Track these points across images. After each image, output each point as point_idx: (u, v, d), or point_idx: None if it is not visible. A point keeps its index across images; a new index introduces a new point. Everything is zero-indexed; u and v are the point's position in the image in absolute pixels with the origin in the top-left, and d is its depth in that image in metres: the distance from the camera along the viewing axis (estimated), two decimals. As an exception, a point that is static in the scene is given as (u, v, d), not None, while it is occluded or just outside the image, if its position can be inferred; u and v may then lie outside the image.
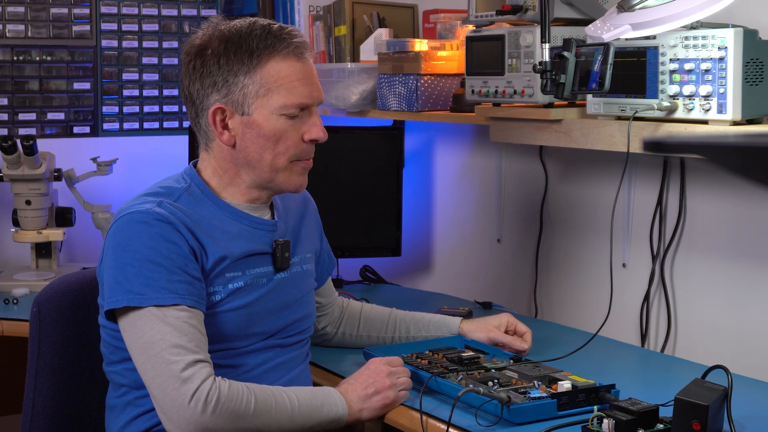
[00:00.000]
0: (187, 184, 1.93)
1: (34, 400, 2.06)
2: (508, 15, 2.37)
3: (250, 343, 1.91)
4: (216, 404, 1.71)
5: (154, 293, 1.77)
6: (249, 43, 1.87)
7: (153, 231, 1.80)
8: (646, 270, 2.51)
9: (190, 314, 1.79)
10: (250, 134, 1.89)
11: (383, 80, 2.91)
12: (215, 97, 1.89)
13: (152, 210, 1.82)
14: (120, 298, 1.78)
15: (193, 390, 1.71)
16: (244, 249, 1.91)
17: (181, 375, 1.71)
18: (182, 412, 1.70)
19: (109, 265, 1.82)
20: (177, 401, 1.71)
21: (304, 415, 1.82)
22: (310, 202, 2.17)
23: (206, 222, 1.89)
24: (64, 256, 3.36)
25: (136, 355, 1.78)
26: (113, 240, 1.83)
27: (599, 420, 1.75)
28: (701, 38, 2.01)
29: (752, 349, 2.28)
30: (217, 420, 1.71)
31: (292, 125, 1.90)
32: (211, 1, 3.55)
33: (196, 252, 1.84)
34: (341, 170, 3.14)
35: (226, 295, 1.88)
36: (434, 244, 3.31)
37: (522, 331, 2.24)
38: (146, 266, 1.78)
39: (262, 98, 1.87)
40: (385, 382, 1.91)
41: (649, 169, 2.50)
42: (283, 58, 1.88)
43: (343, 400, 1.88)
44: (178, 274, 1.80)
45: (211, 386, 1.72)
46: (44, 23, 3.31)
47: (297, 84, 1.89)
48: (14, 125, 3.29)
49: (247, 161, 1.91)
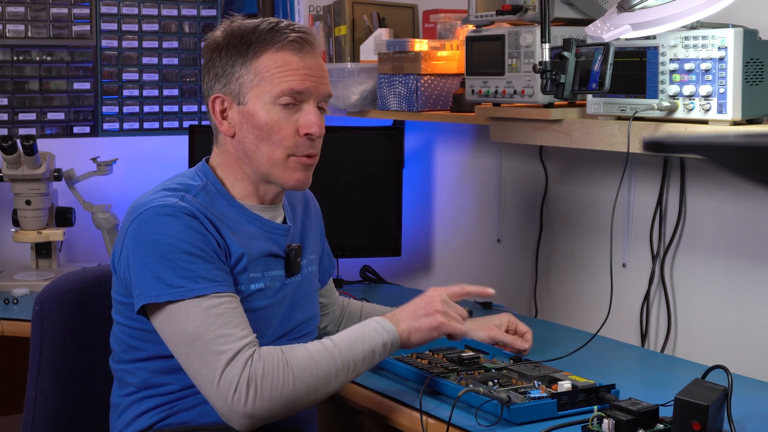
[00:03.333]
0: (203, 182, 1.92)
1: (35, 399, 2.05)
2: (508, 15, 2.37)
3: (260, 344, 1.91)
4: (255, 390, 1.71)
5: (193, 284, 1.76)
6: (250, 37, 1.89)
7: (182, 223, 1.79)
8: (646, 270, 2.51)
9: (231, 298, 1.78)
10: (246, 125, 1.90)
11: (383, 80, 2.91)
12: (216, 87, 1.92)
13: (177, 204, 1.81)
14: (160, 293, 1.76)
15: (234, 385, 1.70)
16: (262, 249, 1.91)
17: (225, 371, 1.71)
18: (229, 407, 1.71)
19: (140, 261, 1.79)
20: (222, 397, 1.71)
21: (348, 350, 1.80)
22: (313, 203, 2.17)
23: (226, 218, 1.89)
24: (64, 256, 3.36)
25: (179, 349, 1.77)
26: (140, 234, 1.80)
27: (599, 420, 1.75)
28: (701, 38, 2.01)
29: (752, 349, 2.28)
30: (261, 404, 1.71)
31: (286, 117, 1.89)
32: (211, 1, 3.55)
33: (221, 246, 1.84)
34: (341, 170, 3.14)
35: (248, 294, 1.87)
36: (434, 244, 3.31)
37: (523, 330, 2.24)
38: (182, 258, 1.77)
39: (256, 88, 1.88)
40: (435, 306, 1.90)
41: (649, 169, 2.50)
42: (278, 50, 1.89)
43: (389, 324, 1.86)
44: (214, 263, 1.80)
45: (249, 373, 1.71)
46: (44, 23, 3.31)
47: (289, 73, 1.88)
48: (14, 125, 3.29)
49: (245, 153, 1.91)
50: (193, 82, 3.52)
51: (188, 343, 1.75)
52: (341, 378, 1.80)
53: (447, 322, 1.90)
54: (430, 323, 1.89)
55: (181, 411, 1.85)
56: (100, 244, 3.34)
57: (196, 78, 3.52)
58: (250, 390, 1.70)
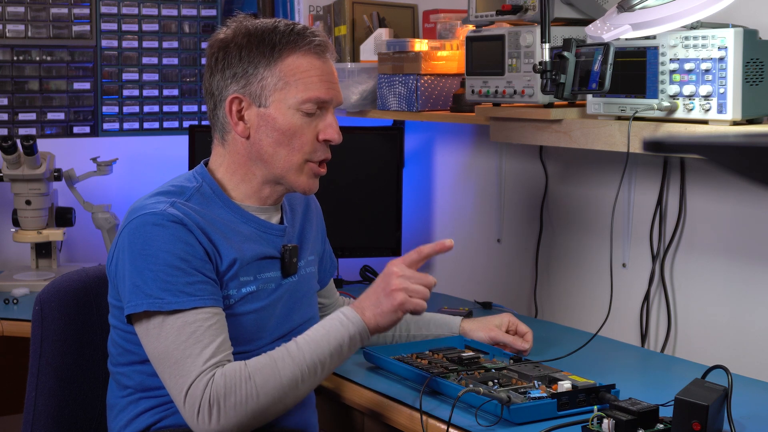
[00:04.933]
0: (198, 183, 1.92)
1: (35, 399, 2.05)
2: (508, 15, 2.37)
3: (257, 347, 1.90)
4: (218, 408, 1.72)
5: (172, 297, 1.77)
6: (272, 37, 1.89)
7: (168, 233, 1.79)
8: (646, 270, 2.51)
9: (208, 315, 1.79)
10: (265, 127, 1.90)
11: (383, 80, 2.91)
12: (234, 87, 1.90)
13: (166, 211, 1.81)
14: (139, 303, 1.78)
15: (197, 405, 1.72)
16: (256, 252, 1.91)
17: (189, 392, 1.73)
18: (196, 427, 1.74)
19: (126, 269, 1.81)
20: (189, 418, 1.74)
21: (313, 351, 1.78)
22: (314, 204, 2.17)
23: (219, 222, 1.88)
24: (64, 256, 3.36)
25: (153, 362, 1.80)
26: (129, 242, 1.82)
27: (599, 420, 1.75)
28: (701, 38, 2.01)
29: (752, 349, 2.28)
30: (226, 420, 1.73)
31: (307, 123, 1.90)
32: (211, 1, 3.55)
33: (210, 254, 1.83)
34: (341, 170, 3.13)
35: (239, 298, 1.88)
36: (434, 244, 3.31)
37: (523, 331, 2.24)
38: (164, 270, 1.78)
39: (280, 91, 1.88)
40: (393, 284, 1.83)
41: (649, 169, 2.50)
42: (303, 54, 1.89)
43: (355, 315, 1.82)
44: (196, 276, 1.80)
45: (210, 393, 1.72)
46: (44, 23, 3.31)
47: (315, 80, 1.90)
48: (14, 125, 3.29)
49: (259, 155, 1.91)
50: (193, 82, 3.52)
51: (160, 360, 1.78)
52: (309, 381, 1.79)
53: (408, 299, 1.83)
54: (391, 304, 1.82)
55: (176, 413, 1.86)
56: (100, 244, 3.34)
57: (196, 78, 3.52)
58: (213, 410, 1.72)
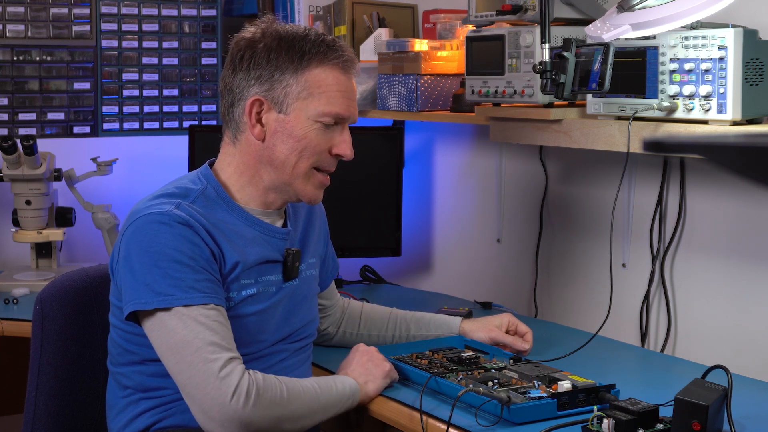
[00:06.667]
0: (203, 185, 1.92)
1: (35, 399, 2.06)
2: (508, 15, 2.37)
3: (258, 350, 1.91)
4: (256, 396, 1.74)
5: (182, 293, 1.77)
6: (302, 45, 1.89)
7: (175, 232, 1.80)
8: (646, 270, 2.51)
9: (218, 312, 1.80)
10: (281, 133, 1.90)
11: (383, 80, 2.91)
12: (256, 89, 1.90)
13: (172, 212, 1.82)
14: (149, 300, 1.78)
15: (233, 386, 1.72)
16: (258, 255, 1.91)
17: (220, 374, 1.73)
18: (225, 409, 1.72)
19: (131, 267, 1.81)
20: (218, 399, 1.72)
21: (326, 393, 1.87)
22: (318, 207, 2.16)
23: (223, 225, 1.89)
24: (64, 256, 3.36)
25: (167, 356, 1.78)
26: (134, 241, 1.82)
27: (599, 420, 1.75)
28: (701, 38, 2.01)
29: (752, 349, 2.28)
30: (258, 411, 1.74)
31: (323, 135, 1.92)
32: (211, 1, 3.55)
33: (216, 255, 1.84)
34: (341, 170, 3.11)
35: (239, 300, 1.88)
36: (434, 244, 3.31)
37: (523, 331, 2.24)
38: (172, 267, 1.78)
39: (303, 101, 1.89)
40: (377, 356, 2.01)
41: (649, 169, 2.50)
42: (331, 67, 1.91)
43: (349, 378, 1.94)
44: (203, 273, 1.80)
45: (249, 380, 1.74)
46: (44, 23, 3.31)
47: (338, 95, 1.91)
48: (14, 125, 3.29)
49: (270, 160, 1.92)
50: (193, 82, 3.52)
51: (177, 351, 1.76)
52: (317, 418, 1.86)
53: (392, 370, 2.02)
54: (382, 369, 1.99)
55: (176, 413, 1.86)
56: (100, 244, 3.34)
57: (196, 78, 3.52)
58: (251, 396, 1.73)
